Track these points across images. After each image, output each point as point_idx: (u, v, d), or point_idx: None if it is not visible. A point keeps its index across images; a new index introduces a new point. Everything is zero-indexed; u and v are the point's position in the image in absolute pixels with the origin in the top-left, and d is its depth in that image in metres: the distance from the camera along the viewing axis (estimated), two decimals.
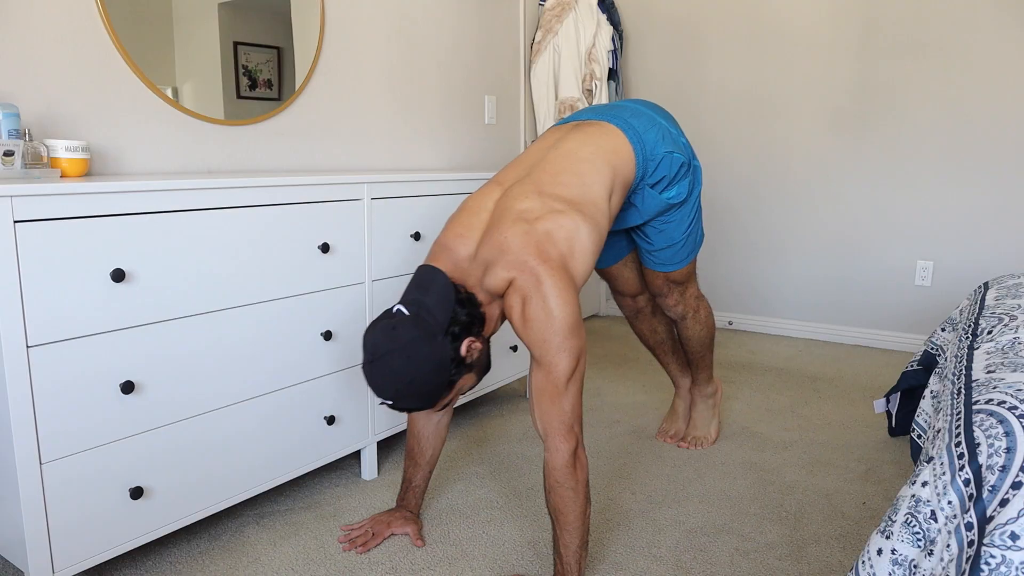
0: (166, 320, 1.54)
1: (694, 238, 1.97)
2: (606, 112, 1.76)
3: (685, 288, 2.08)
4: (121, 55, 1.86)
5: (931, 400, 2.02)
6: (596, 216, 1.54)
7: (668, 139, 1.76)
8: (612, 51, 3.62)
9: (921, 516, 1.07)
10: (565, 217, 1.48)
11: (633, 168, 1.69)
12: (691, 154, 1.85)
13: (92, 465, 1.46)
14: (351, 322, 1.97)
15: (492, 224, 1.51)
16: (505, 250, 1.44)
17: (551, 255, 1.43)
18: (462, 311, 1.44)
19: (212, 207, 1.60)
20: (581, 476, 1.45)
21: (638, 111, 1.78)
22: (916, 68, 3.27)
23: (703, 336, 2.18)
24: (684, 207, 1.87)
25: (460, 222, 1.56)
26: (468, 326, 1.45)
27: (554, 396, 1.43)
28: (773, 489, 2.03)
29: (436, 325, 1.41)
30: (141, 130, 1.93)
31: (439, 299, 1.43)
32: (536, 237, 1.44)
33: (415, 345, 1.38)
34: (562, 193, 1.53)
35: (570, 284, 1.43)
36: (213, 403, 1.66)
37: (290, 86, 2.31)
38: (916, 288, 3.42)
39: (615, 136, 1.68)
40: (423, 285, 1.46)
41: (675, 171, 1.76)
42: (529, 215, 1.47)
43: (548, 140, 1.73)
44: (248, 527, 1.83)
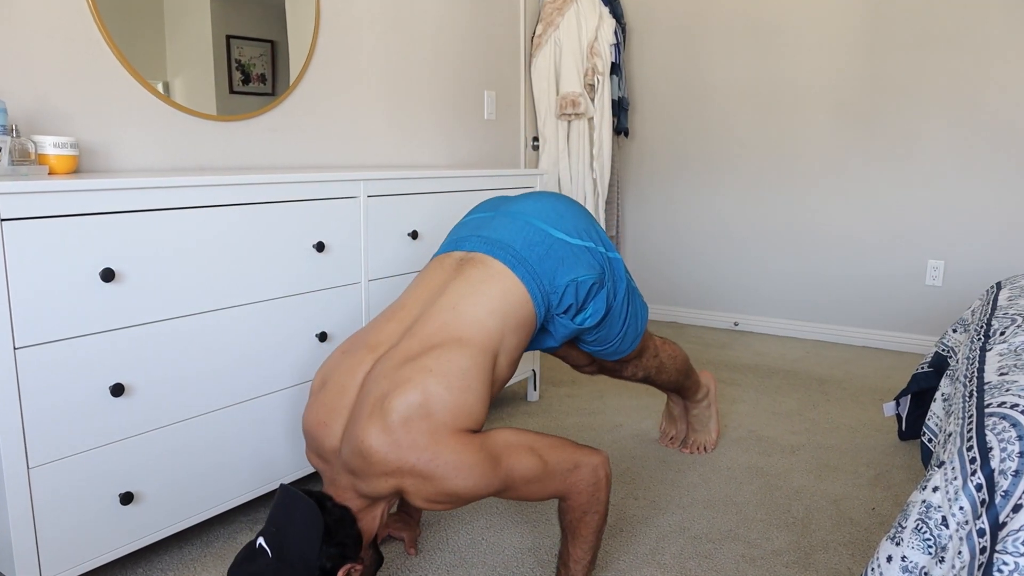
0: (157, 321, 1.54)
1: (633, 328, 1.83)
2: (494, 240, 1.59)
3: (640, 359, 2.01)
4: (111, 49, 1.86)
5: (942, 403, 2.02)
6: (459, 369, 1.38)
7: (569, 261, 1.59)
8: (615, 45, 3.62)
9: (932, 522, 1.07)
10: (411, 389, 1.33)
11: (531, 309, 1.54)
12: (604, 252, 1.68)
13: (81, 470, 1.46)
14: (346, 323, 1.97)
15: (354, 413, 1.38)
16: (370, 459, 1.32)
17: (419, 443, 1.30)
18: (331, 545, 1.32)
19: (204, 205, 1.60)
20: (603, 496, 1.45)
21: (530, 228, 1.60)
22: (926, 62, 3.28)
23: (674, 378, 2.15)
24: (608, 317, 1.74)
25: (323, 405, 1.43)
26: (341, 558, 1.33)
27: (542, 485, 1.40)
28: (780, 494, 2.03)
29: (302, 568, 1.29)
30: (131, 126, 1.93)
31: (303, 534, 1.30)
32: (394, 435, 1.30)
33: None
34: (419, 352, 1.40)
35: (456, 446, 1.31)
36: (205, 406, 1.66)
37: (284, 81, 2.31)
38: (927, 288, 3.42)
39: (503, 278, 1.52)
40: (286, 513, 1.33)
41: (583, 296, 1.62)
42: (379, 404, 1.34)
43: (430, 284, 1.57)
44: (241, 533, 1.83)
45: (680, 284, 4.04)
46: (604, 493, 1.45)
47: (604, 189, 3.67)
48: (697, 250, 3.96)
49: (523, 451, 1.38)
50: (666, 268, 4.07)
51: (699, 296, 4.00)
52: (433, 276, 1.59)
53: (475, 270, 1.54)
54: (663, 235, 4.05)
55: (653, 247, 4.09)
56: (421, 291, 1.56)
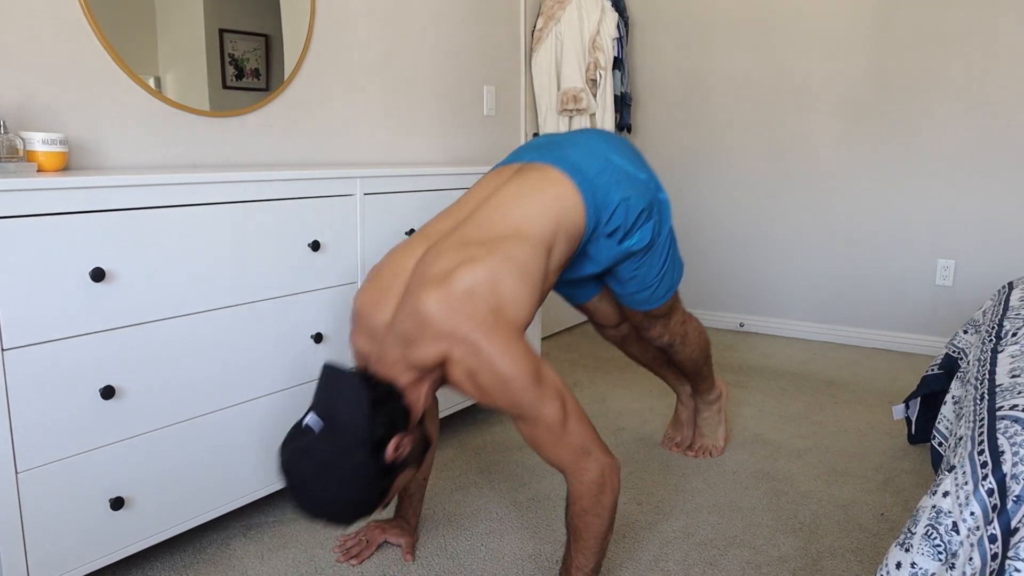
0: (148, 322, 1.54)
1: (671, 275, 1.88)
2: (553, 152, 1.65)
3: (668, 319, 2.02)
4: (101, 43, 1.86)
5: (953, 406, 2.02)
6: (521, 257, 1.44)
7: (624, 183, 1.65)
8: (617, 39, 3.62)
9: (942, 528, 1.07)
10: (480, 266, 1.39)
11: (582, 218, 1.59)
12: (654, 189, 1.74)
13: (70, 474, 1.46)
14: (343, 324, 1.97)
15: (409, 290, 1.43)
16: (426, 323, 1.36)
17: (480, 316, 1.35)
18: (380, 414, 1.35)
19: (197, 203, 1.60)
20: (607, 501, 1.44)
21: (590, 149, 1.66)
22: (937, 58, 3.28)
23: (696, 356, 2.16)
24: (652, 251, 1.77)
25: (377, 285, 1.48)
26: (391, 427, 1.37)
27: (555, 442, 1.40)
28: (787, 500, 2.03)
29: (352, 438, 1.33)
30: (122, 122, 1.93)
31: (350, 407, 1.34)
32: (456, 301, 1.35)
33: (332, 467, 1.32)
34: (482, 237, 1.46)
35: (511, 335, 1.35)
36: (198, 409, 1.66)
37: (279, 76, 2.31)
38: (937, 288, 3.42)
39: (560, 183, 1.57)
40: (331, 390, 1.37)
41: (632, 219, 1.67)
42: (442, 275, 1.38)
43: (487, 187, 1.64)
44: (235, 540, 1.83)
45: (684, 283, 4.04)
46: (608, 498, 1.45)
47: None
48: (701, 249, 3.96)
49: (557, 396, 1.39)
50: None
51: (703, 296, 4.00)
52: (489, 181, 1.67)
53: (533, 174, 1.61)
54: None
55: None
56: (477, 192, 1.64)
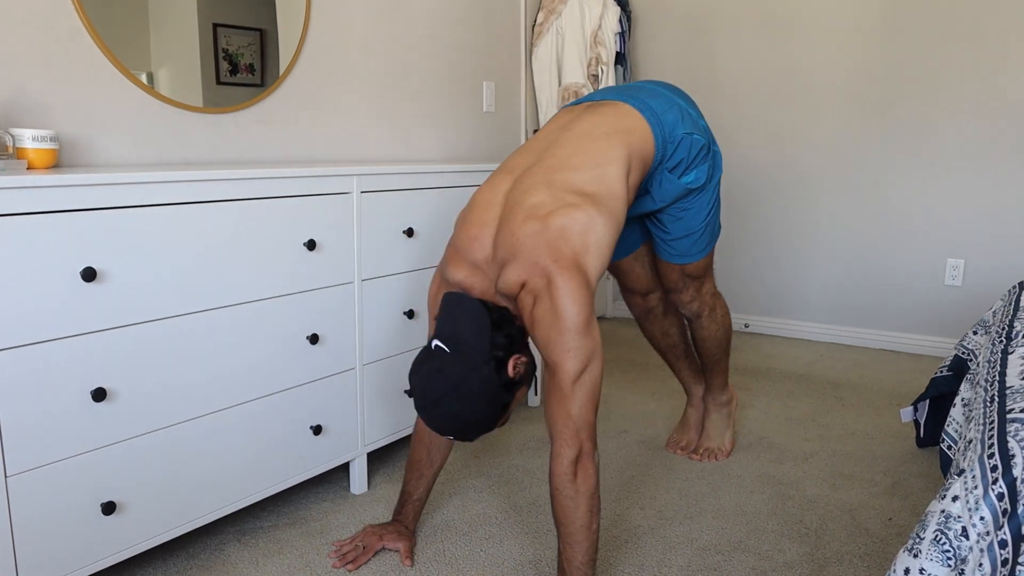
0: (140, 323, 1.54)
1: (712, 227, 1.99)
2: (622, 92, 1.79)
3: (702, 283, 2.10)
4: (93, 38, 1.86)
5: (962, 408, 2.02)
6: (612, 205, 1.56)
7: (688, 120, 1.79)
8: (620, 33, 3.62)
9: (951, 533, 1.07)
10: (579, 211, 1.49)
11: (652, 148, 1.72)
12: (711, 138, 1.88)
13: (61, 478, 1.46)
14: (339, 324, 1.97)
15: (504, 220, 1.53)
16: (517, 251, 1.47)
17: (563, 253, 1.45)
18: (500, 335, 1.48)
19: (190, 201, 1.60)
20: (583, 487, 1.46)
21: (656, 91, 1.81)
22: (944, 52, 3.28)
23: (719, 337, 2.19)
24: (704, 193, 1.90)
25: (472, 220, 1.58)
26: (509, 347, 1.50)
27: (559, 398, 1.45)
28: (792, 504, 2.03)
29: (479, 357, 1.46)
30: (114, 118, 1.93)
31: (474, 328, 1.47)
32: (548, 236, 1.46)
33: (464, 383, 1.45)
34: (575, 182, 1.55)
35: (583, 283, 1.45)
36: (191, 412, 1.66)
37: (274, 71, 2.31)
38: (946, 288, 3.42)
39: (631, 116, 1.71)
40: (455, 316, 1.50)
41: (695, 154, 1.80)
42: (540, 211, 1.49)
43: (560, 121, 1.75)
44: (229, 545, 1.83)
45: None
46: (583, 485, 1.45)
47: None
48: None
49: (585, 357, 1.44)
50: None
51: None
52: (562, 117, 1.78)
53: (605, 108, 1.74)
54: None
55: None
56: (551, 127, 1.75)
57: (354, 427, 2.06)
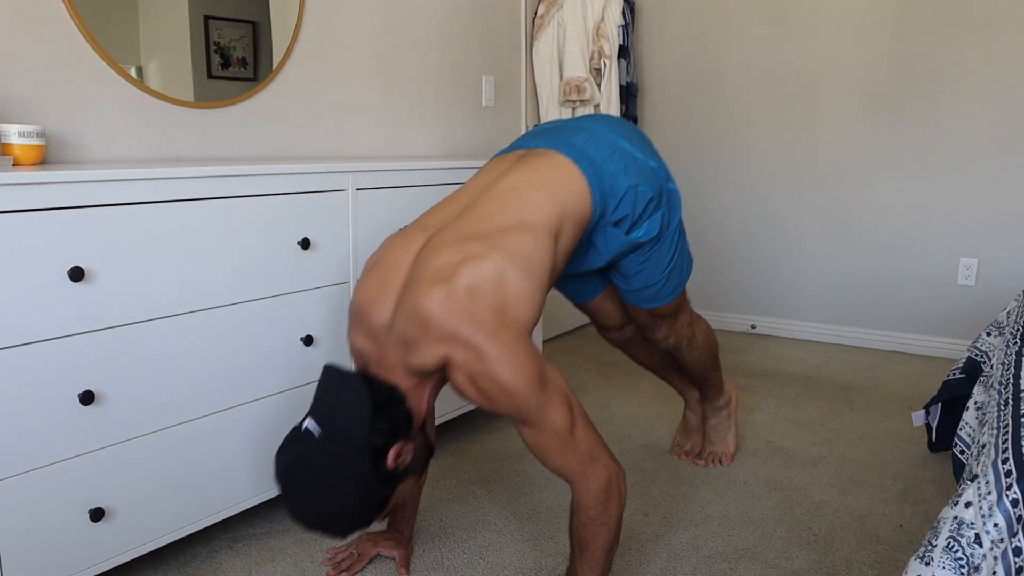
0: (129, 324, 1.54)
1: (679, 271, 1.88)
2: (557, 138, 1.65)
3: (675, 319, 2.01)
4: (80, 31, 1.86)
5: (975, 412, 2.02)
6: (526, 251, 1.44)
7: (632, 169, 1.65)
8: (623, 26, 3.62)
9: (964, 540, 1.07)
10: (484, 263, 1.38)
11: (588, 205, 1.59)
12: (664, 178, 1.75)
13: (48, 484, 1.46)
14: (334, 326, 1.97)
15: (408, 286, 1.42)
16: (427, 324, 1.35)
17: (482, 318, 1.34)
18: (382, 419, 1.37)
19: (180, 198, 1.60)
20: (615, 509, 1.45)
21: (596, 134, 1.67)
22: (960, 45, 3.28)
23: (703, 359, 2.16)
24: (660, 243, 1.77)
25: (375, 281, 1.47)
26: (392, 433, 1.39)
27: (560, 448, 1.41)
28: (800, 510, 2.03)
29: (353, 443, 1.34)
30: (102, 114, 1.93)
31: (352, 411, 1.36)
32: (458, 301, 1.34)
33: (333, 474, 1.34)
34: (484, 230, 1.45)
35: (516, 338, 1.35)
36: (182, 415, 1.66)
37: (267, 65, 2.31)
38: (959, 288, 3.42)
39: (565, 169, 1.58)
40: (332, 393, 1.39)
41: (641, 208, 1.67)
42: (444, 272, 1.38)
43: (489, 174, 1.64)
44: (221, 552, 1.83)
45: (693, 284, 4.04)
46: (615, 506, 1.45)
47: None
48: (711, 247, 3.96)
49: (563, 400, 1.40)
50: None
51: (713, 297, 4.00)
52: (492, 168, 1.67)
53: (537, 160, 1.61)
54: None
55: None
56: (479, 180, 1.64)
57: None
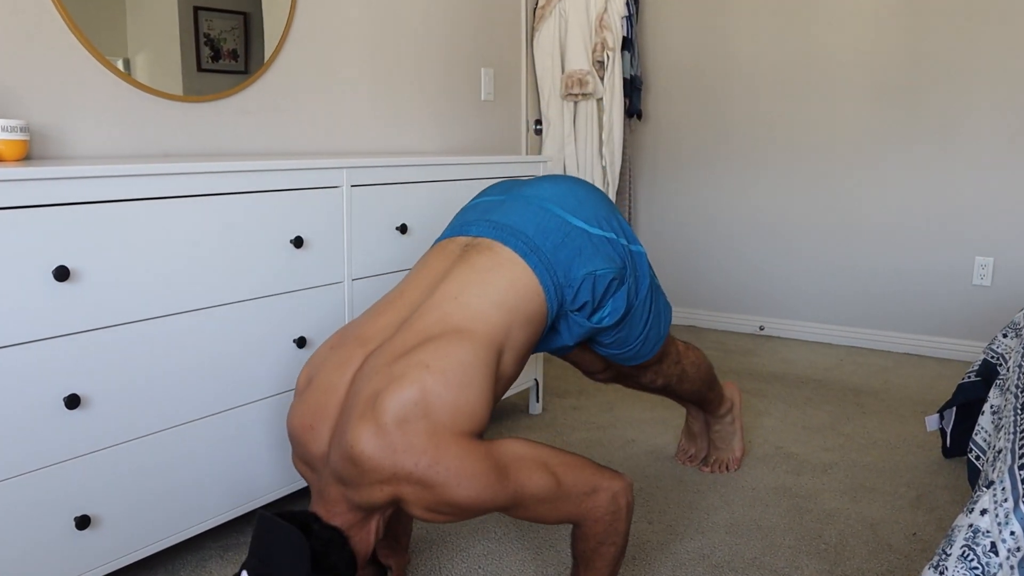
0: (117, 325, 1.54)
1: (656, 330, 1.84)
2: (501, 224, 1.60)
3: (660, 364, 2.01)
4: (65, 22, 1.86)
5: (991, 416, 2.02)
6: (459, 363, 1.39)
7: (587, 251, 1.59)
8: (627, 17, 3.62)
9: (979, 548, 1.07)
10: (408, 386, 1.33)
11: (542, 303, 1.55)
12: (626, 244, 1.69)
13: (32, 490, 1.46)
14: (328, 326, 1.97)
15: (343, 414, 1.39)
16: (363, 467, 1.31)
17: (417, 447, 1.30)
18: (322, 571, 1.32)
19: (169, 195, 1.60)
20: (622, 526, 1.45)
21: (545, 213, 1.60)
22: (974, 34, 3.28)
23: (696, 388, 2.15)
24: (630, 317, 1.74)
25: (309, 406, 1.43)
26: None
27: (553, 507, 1.40)
28: (810, 518, 2.03)
29: None
30: (88, 108, 1.93)
31: (289, 566, 1.30)
32: (389, 437, 1.30)
33: None
34: (414, 344, 1.41)
35: (459, 452, 1.31)
36: (171, 419, 1.66)
37: (258, 57, 2.31)
38: (974, 288, 3.42)
39: (512, 265, 1.53)
40: (268, 546, 1.33)
41: (601, 292, 1.62)
42: (368, 405, 1.34)
43: (431, 272, 1.58)
44: (211, 561, 1.83)
45: (699, 284, 4.04)
46: (623, 523, 1.45)
47: (615, 178, 3.67)
48: (718, 246, 3.96)
49: (534, 466, 1.38)
50: (683, 266, 4.07)
51: (720, 297, 4.00)
52: (434, 263, 1.59)
53: (481, 257, 1.55)
54: (679, 229, 4.05)
55: (668, 242, 4.09)
56: (420, 279, 1.57)
57: None
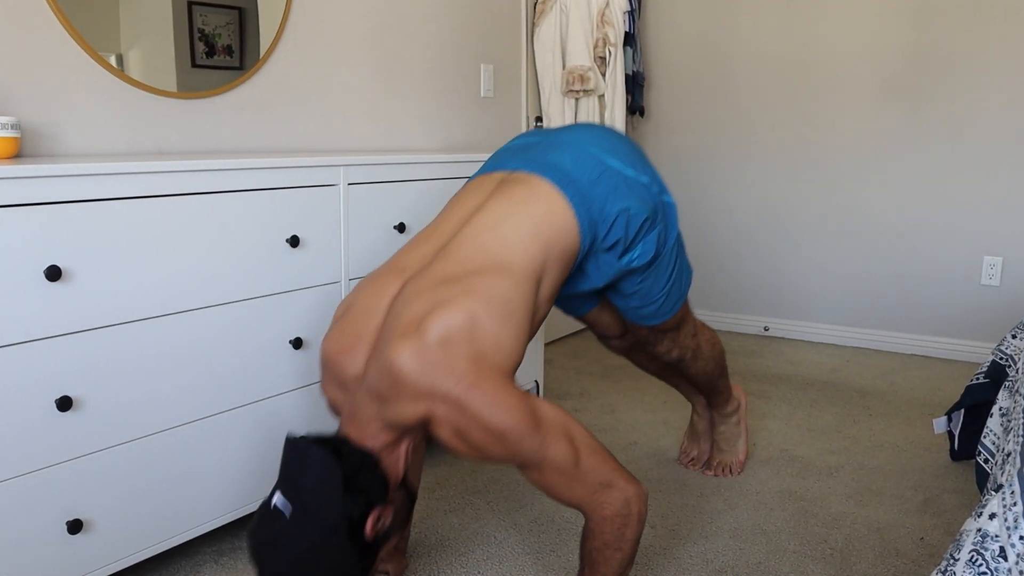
0: (109, 325, 1.54)
1: (679, 286, 1.87)
2: (540, 158, 1.63)
3: (677, 333, 2.02)
4: (57, 17, 1.86)
5: (1000, 419, 2.02)
6: (503, 296, 1.42)
7: (622, 190, 1.62)
8: (629, 12, 3.62)
9: (988, 553, 1.07)
10: (455, 310, 1.37)
11: (575, 238, 1.57)
12: (658, 192, 1.73)
13: (23, 494, 1.46)
14: (324, 328, 1.97)
15: (381, 337, 1.43)
16: (400, 381, 1.35)
17: (458, 368, 1.34)
18: (354, 491, 1.36)
19: (163, 194, 1.60)
20: (632, 534, 1.45)
21: (582, 152, 1.64)
22: (983, 32, 3.27)
23: (709, 370, 2.16)
24: (657, 263, 1.76)
25: (346, 330, 1.48)
26: (368, 504, 1.38)
27: (568, 482, 1.40)
28: (816, 522, 2.03)
29: (327, 523, 1.33)
30: (81, 104, 1.93)
31: (321, 488, 1.34)
32: (431, 356, 1.34)
33: (309, 557, 1.33)
34: (458, 273, 1.44)
35: (497, 383, 1.35)
36: (165, 422, 1.66)
37: (254, 53, 2.31)
38: (982, 288, 3.42)
39: (549, 198, 1.55)
40: (299, 469, 1.37)
41: (634, 232, 1.65)
42: (414, 324, 1.38)
43: (466, 204, 1.62)
44: (206, 566, 1.83)
45: (702, 284, 4.04)
46: (633, 531, 1.45)
47: None
48: (722, 245, 3.96)
49: (562, 433, 1.39)
50: None
51: (724, 297, 4.00)
52: (468, 198, 1.63)
53: (518, 188, 1.58)
54: (683, 228, 4.05)
55: None
56: (456, 212, 1.61)
57: None
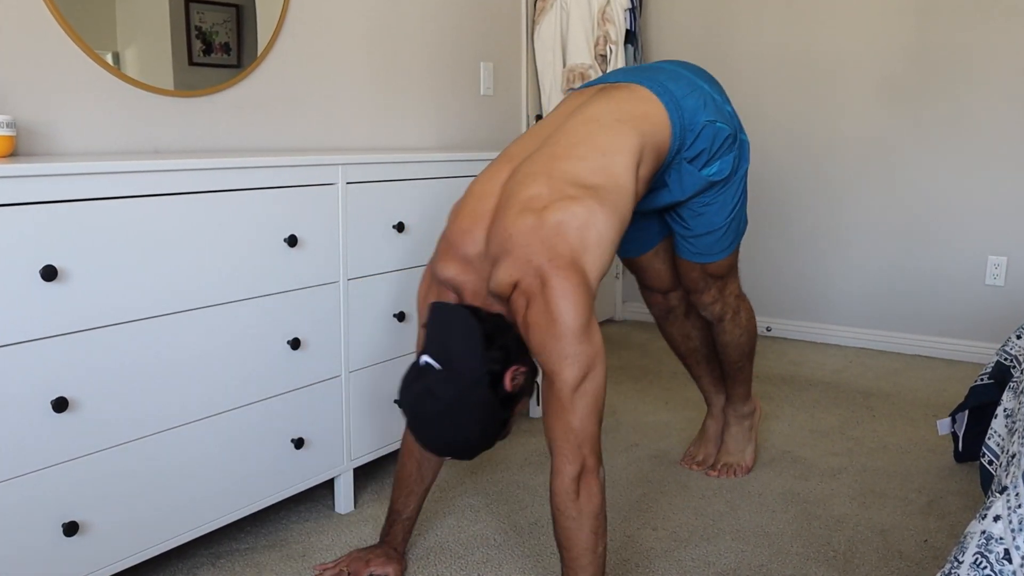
0: (106, 326, 1.55)
1: (738, 224, 2.01)
2: (638, 74, 1.81)
3: (725, 284, 2.11)
4: (53, 14, 1.86)
5: (1004, 420, 2.02)
6: (617, 200, 1.57)
7: (711, 106, 1.80)
8: (630, 10, 3.62)
9: (992, 556, 1.07)
10: (578, 205, 1.51)
11: (668, 137, 1.73)
12: (738, 125, 1.89)
13: (18, 496, 1.46)
14: (323, 328, 1.97)
15: (498, 213, 1.55)
16: (509, 248, 1.49)
17: (560, 251, 1.46)
18: (494, 347, 1.49)
19: (160, 193, 1.60)
20: (586, 507, 1.47)
21: (677, 73, 1.82)
22: (987, 30, 3.28)
23: (743, 343, 2.19)
24: (728, 186, 1.91)
25: (465, 212, 1.60)
26: (506, 359, 1.51)
27: (559, 410, 1.46)
28: (819, 524, 2.03)
29: (473, 374, 1.47)
30: (77, 103, 1.93)
31: (466, 343, 1.48)
32: (544, 232, 1.47)
33: (458, 404, 1.47)
34: (577, 172, 1.57)
35: (581, 284, 1.46)
36: (161, 423, 1.67)
37: (251, 51, 2.31)
38: (987, 288, 3.42)
39: (647, 100, 1.73)
40: (444, 329, 1.51)
41: (718, 145, 1.81)
42: (536, 204, 1.50)
43: (568, 105, 1.77)
44: (202, 569, 1.83)
45: None
46: (588, 505, 1.47)
47: None
48: None
49: (585, 363, 1.46)
50: None
51: None
52: (571, 101, 1.79)
53: (618, 91, 1.76)
54: None
55: None
56: (561, 110, 1.77)
57: (339, 440, 2.06)
